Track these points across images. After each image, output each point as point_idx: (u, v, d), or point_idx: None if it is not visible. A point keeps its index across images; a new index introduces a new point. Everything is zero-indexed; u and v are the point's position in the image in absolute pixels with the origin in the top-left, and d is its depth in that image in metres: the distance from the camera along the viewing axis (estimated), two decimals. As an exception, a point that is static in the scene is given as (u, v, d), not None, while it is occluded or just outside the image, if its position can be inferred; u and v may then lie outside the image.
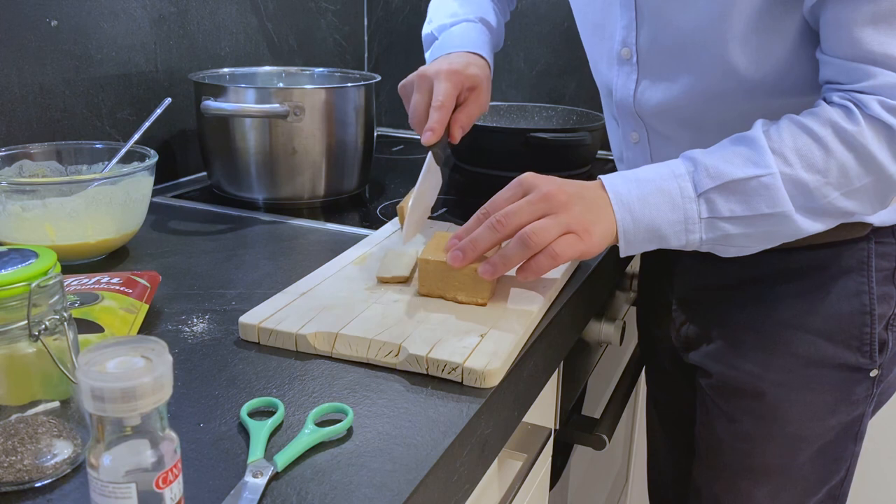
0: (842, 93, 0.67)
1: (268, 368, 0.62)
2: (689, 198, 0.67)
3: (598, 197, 0.68)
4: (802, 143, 0.66)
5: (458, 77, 0.83)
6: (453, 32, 0.94)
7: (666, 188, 0.68)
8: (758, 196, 0.66)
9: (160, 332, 0.67)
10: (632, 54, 0.80)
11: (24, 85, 0.96)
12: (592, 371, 1.06)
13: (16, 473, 0.46)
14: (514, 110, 1.49)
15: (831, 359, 0.81)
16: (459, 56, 0.88)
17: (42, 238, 0.78)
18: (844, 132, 0.65)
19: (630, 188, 0.68)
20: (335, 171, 1.09)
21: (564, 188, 0.68)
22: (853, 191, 0.67)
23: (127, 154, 0.90)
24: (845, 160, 0.66)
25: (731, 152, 0.68)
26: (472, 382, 0.59)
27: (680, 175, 0.68)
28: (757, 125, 0.69)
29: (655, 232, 0.68)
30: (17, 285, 0.45)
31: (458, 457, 0.54)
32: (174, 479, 0.39)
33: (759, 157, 0.66)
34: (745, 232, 0.68)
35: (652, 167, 0.70)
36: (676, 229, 0.68)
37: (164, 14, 1.15)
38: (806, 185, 0.66)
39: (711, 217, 0.67)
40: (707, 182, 0.67)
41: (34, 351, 0.47)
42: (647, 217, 0.67)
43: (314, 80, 1.26)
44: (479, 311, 0.69)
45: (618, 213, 0.68)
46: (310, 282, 0.74)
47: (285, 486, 0.48)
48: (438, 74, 0.83)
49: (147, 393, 0.37)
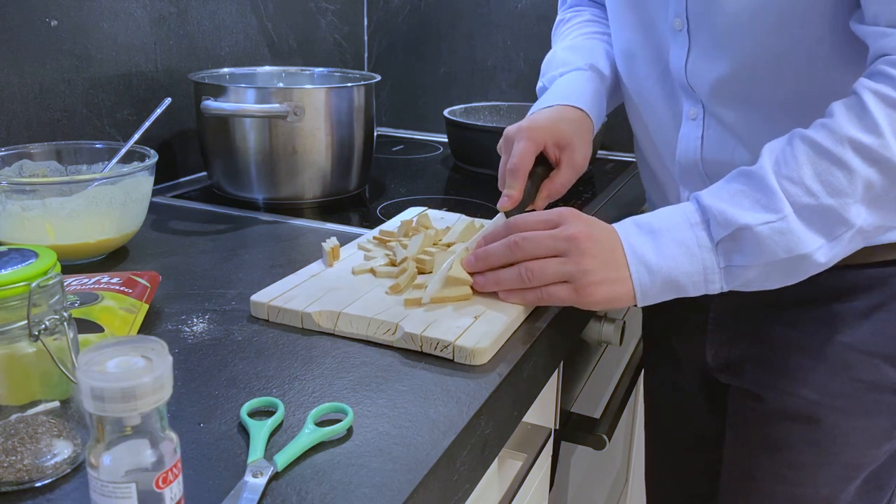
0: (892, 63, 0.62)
1: (268, 368, 0.62)
2: (706, 247, 0.65)
3: (618, 256, 0.66)
4: (823, 168, 0.62)
5: (539, 134, 0.79)
6: (560, 84, 0.88)
7: (682, 239, 0.65)
8: (772, 242, 0.63)
9: (160, 332, 0.67)
10: (683, 24, 0.76)
11: (24, 85, 0.96)
12: (592, 371, 1.06)
13: (16, 473, 0.46)
14: (514, 110, 1.49)
15: (893, 383, 0.77)
16: (552, 111, 0.83)
17: (42, 238, 0.78)
18: (863, 148, 0.61)
19: (645, 240, 0.66)
20: (335, 171, 1.09)
21: (594, 234, 0.66)
22: (879, 206, 0.63)
23: (127, 154, 0.90)
24: (869, 176, 0.62)
25: (739, 193, 0.65)
26: (463, 360, 0.62)
27: (695, 224, 0.65)
28: (764, 155, 0.65)
29: (673, 284, 0.66)
30: (17, 285, 0.45)
31: (458, 457, 0.54)
32: (174, 479, 0.39)
33: (767, 199, 0.63)
34: (764, 274, 0.65)
35: (665, 213, 0.67)
36: (695, 279, 0.65)
37: (164, 14, 1.15)
38: (833, 212, 0.62)
39: (729, 265, 0.65)
40: (719, 231, 0.64)
41: (34, 351, 0.47)
42: (664, 271, 0.65)
43: (314, 80, 1.26)
44: (476, 298, 0.71)
45: (633, 267, 0.66)
46: (320, 265, 0.78)
47: (285, 485, 0.48)
48: (519, 133, 0.80)
49: (147, 393, 0.37)
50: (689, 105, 0.80)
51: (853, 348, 0.77)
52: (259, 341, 0.66)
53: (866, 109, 0.62)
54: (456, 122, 1.34)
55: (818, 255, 0.64)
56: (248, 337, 0.67)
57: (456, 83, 1.63)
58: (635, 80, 0.87)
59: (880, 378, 0.77)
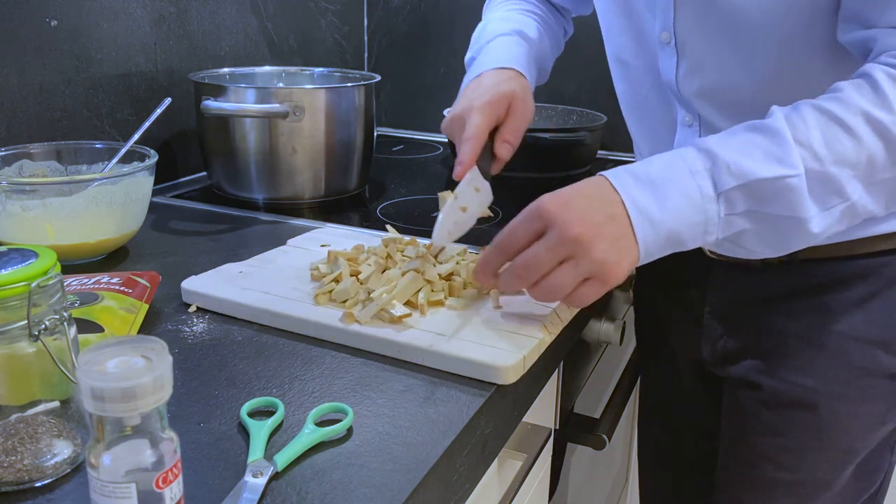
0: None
1: (268, 368, 0.62)
2: (709, 197, 0.62)
3: (618, 215, 0.62)
4: (832, 135, 0.60)
5: (489, 107, 0.80)
6: (490, 50, 0.89)
7: (685, 189, 0.62)
8: (779, 197, 0.61)
9: (160, 332, 0.67)
10: (671, 38, 0.76)
11: (24, 85, 0.96)
12: (592, 371, 1.06)
13: (16, 473, 0.46)
14: (514, 110, 1.49)
15: (887, 369, 0.78)
16: (490, 79, 0.84)
17: (42, 238, 0.78)
18: (876, 122, 0.60)
19: (646, 193, 0.63)
20: (335, 171, 1.09)
21: (586, 220, 0.62)
22: (873, 184, 0.62)
23: (127, 154, 0.90)
24: (875, 150, 0.60)
25: (751, 144, 0.62)
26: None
27: (698, 172, 0.62)
28: (775, 111, 0.63)
29: (675, 237, 0.63)
30: (17, 285, 0.45)
31: (458, 457, 0.54)
32: (174, 479, 0.39)
33: (783, 153, 0.61)
34: (758, 230, 0.64)
35: (663, 160, 0.64)
36: (696, 231, 0.62)
37: (164, 14, 1.15)
38: (834, 181, 0.61)
39: (729, 214, 0.62)
40: (729, 180, 0.61)
41: (34, 351, 0.47)
42: (668, 223, 0.62)
43: (314, 80, 1.26)
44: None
45: (637, 225, 0.62)
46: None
47: (285, 485, 0.48)
48: (470, 111, 0.80)
49: (147, 393, 0.37)
50: (684, 112, 0.81)
51: (849, 336, 0.78)
52: (259, 341, 0.66)
53: (878, 87, 0.61)
54: (456, 122, 1.34)
55: (812, 224, 0.62)
56: (248, 337, 0.67)
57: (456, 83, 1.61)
58: (630, 86, 0.88)
59: (875, 364, 0.78)
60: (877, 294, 0.77)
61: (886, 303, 0.77)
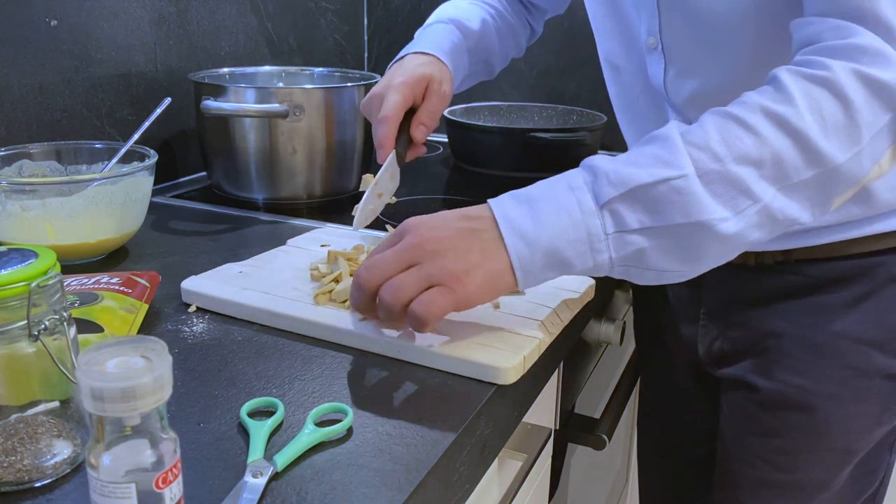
0: (813, 50, 0.60)
1: (268, 368, 0.62)
2: (589, 212, 0.58)
3: (484, 230, 0.60)
4: (729, 133, 0.58)
5: (406, 87, 0.82)
6: (422, 35, 0.93)
7: (563, 204, 0.59)
8: (669, 203, 0.57)
9: (160, 332, 0.67)
10: (657, 43, 0.77)
11: (24, 85, 0.96)
12: (592, 371, 1.06)
13: (16, 473, 0.46)
14: (514, 110, 1.49)
15: (882, 369, 0.78)
16: (410, 60, 0.87)
17: (42, 238, 0.78)
18: (775, 116, 0.58)
19: (522, 210, 0.60)
20: (335, 171, 1.10)
21: (439, 233, 0.60)
22: (790, 187, 0.59)
23: (127, 154, 0.90)
24: (780, 148, 0.58)
25: (639, 153, 0.60)
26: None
27: (577, 187, 0.59)
28: (672, 122, 0.61)
29: (556, 256, 0.59)
30: (17, 285, 0.45)
31: (458, 457, 0.54)
32: (174, 479, 0.39)
33: (670, 156, 0.58)
34: (659, 245, 0.59)
35: (546, 182, 0.62)
36: (580, 250, 0.59)
37: (163, 14, 1.15)
38: (738, 181, 0.57)
39: (619, 231, 0.58)
40: (609, 191, 0.58)
41: (34, 351, 0.47)
42: (543, 240, 0.59)
43: (314, 80, 1.26)
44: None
45: (508, 239, 0.59)
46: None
47: (285, 486, 0.48)
48: (387, 90, 0.82)
49: (147, 393, 0.37)
50: (675, 115, 0.81)
51: (844, 336, 0.78)
52: (259, 341, 0.66)
53: (781, 84, 0.60)
54: (456, 122, 1.34)
55: (723, 225, 0.58)
56: (248, 337, 0.67)
57: (456, 83, 1.63)
58: (621, 88, 0.88)
59: (870, 364, 0.78)
60: (871, 294, 0.77)
61: (881, 303, 0.77)
